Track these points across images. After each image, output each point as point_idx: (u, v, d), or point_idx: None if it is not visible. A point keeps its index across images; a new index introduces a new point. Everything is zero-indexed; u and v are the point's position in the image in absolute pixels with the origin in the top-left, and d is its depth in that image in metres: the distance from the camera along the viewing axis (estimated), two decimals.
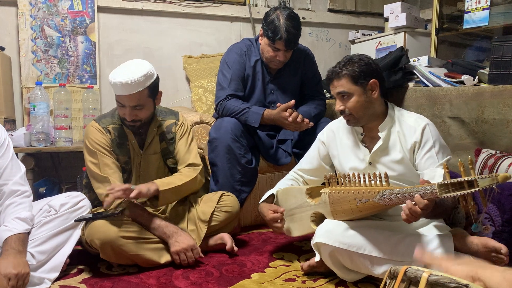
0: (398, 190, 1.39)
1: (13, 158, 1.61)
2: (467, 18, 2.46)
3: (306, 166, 1.92)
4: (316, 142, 1.91)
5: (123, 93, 1.73)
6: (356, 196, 1.52)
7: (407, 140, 1.63)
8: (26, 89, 2.75)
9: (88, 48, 2.89)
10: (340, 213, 1.60)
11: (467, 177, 1.21)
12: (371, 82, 1.63)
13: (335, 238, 1.55)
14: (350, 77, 1.63)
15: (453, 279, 0.75)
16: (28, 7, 2.73)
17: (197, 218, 1.92)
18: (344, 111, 1.67)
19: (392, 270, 0.87)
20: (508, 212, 1.65)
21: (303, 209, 1.75)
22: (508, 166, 1.75)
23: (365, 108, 1.65)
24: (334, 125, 1.87)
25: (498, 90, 1.93)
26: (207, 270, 1.75)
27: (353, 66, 1.63)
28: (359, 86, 1.63)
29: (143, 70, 1.75)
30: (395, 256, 1.49)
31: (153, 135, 1.92)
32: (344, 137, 1.79)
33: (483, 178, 1.17)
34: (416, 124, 1.63)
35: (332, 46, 3.66)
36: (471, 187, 1.20)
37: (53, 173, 2.81)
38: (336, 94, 1.68)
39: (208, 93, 2.99)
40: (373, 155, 1.68)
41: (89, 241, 1.73)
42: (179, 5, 3.10)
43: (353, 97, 1.64)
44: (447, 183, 1.26)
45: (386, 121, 1.68)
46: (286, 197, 1.84)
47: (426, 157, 1.59)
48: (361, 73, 1.62)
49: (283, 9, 2.24)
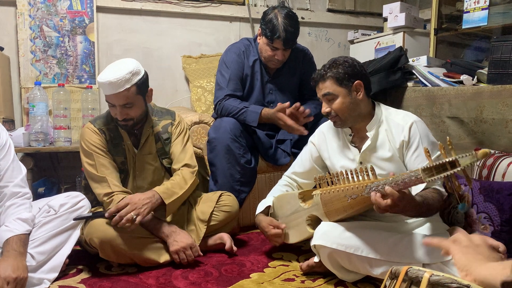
0: (385, 180, 1.40)
1: (14, 160, 1.61)
2: (466, 18, 2.47)
3: (299, 169, 1.93)
4: (308, 144, 1.92)
5: (110, 92, 1.72)
6: (346, 193, 1.53)
7: (395, 138, 1.64)
8: (25, 89, 2.75)
9: (87, 48, 2.88)
10: (333, 213, 1.60)
11: (448, 158, 1.23)
12: (355, 84, 1.64)
13: (333, 240, 1.55)
14: (334, 79, 1.64)
15: (454, 279, 0.75)
16: (27, 7, 2.73)
17: (196, 218, 1.92)
18: (330, 113, 1.68)
19: (393, 270, 0.87)
20: (507, 212, 1.66)
21: (299, 214, 1.75)
22: (507, 165, 1.75)
23: (351, 109, 1.66)
24: (324, 127, 1.87)
25: (497, 90, 1.93)
26: (206, 270, 1.75)
27: (337, 68, 1.65)
28: (343, 88, 1.64)
29: (129, 67, 1.73)
30: (393, 257, 1.49)
31: (147, 135, 1.91)
32: (333, 138, 1.80)
33: (464, 157, 1.21)
34: (403, 122, 1.64)
35: (331, 46, 3.66)
36: (453, 167, 1.22)
37: (52, 173, 2.81)
38: (321, 97, 1.69)
39: (207, 93, 2.99)
40: (362, 154, 1.69)
41: (88, 240, 1.72)
42: (178, 5, 3.10)
43: (338, 98, 1.65)
44: (430, 166, 1.28)
45: (373, 120, 1.68)
46: (281, 204, 1.85)
47: (415, 155, 1.60)
48: (345, 75, 1.64)
49: (282, 8, 2.24)
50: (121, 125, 1.84)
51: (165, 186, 1.83)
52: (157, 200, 1.76)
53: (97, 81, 1.73)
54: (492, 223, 1.69)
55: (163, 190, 1.80)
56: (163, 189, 1.81)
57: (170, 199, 1.79)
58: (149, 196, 1.76)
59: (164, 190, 1.80)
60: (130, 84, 1.73)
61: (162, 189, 1.81)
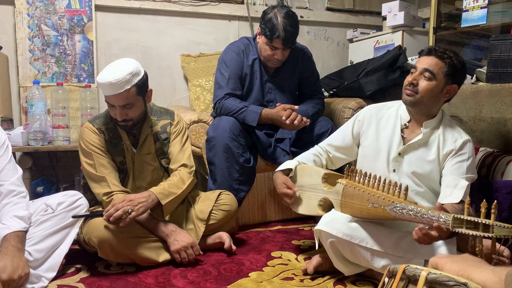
0: (413, 207, 1.36)
1: (11, 160, 1.62)
2: (465, 16, 2.47)
3: (336, 142, 1.88)
4: (352, 120, 1.87)
5: (110, 93, 1.71)
6: (370, 198, 1.49)
7: (445, 146, 1.63)
8: (24, 88, 2.75)
9: (86, 47, 2.88)
10: (348, 208, 1.58)
11: (486, 219, 1.15)
12: (453, 86, 1.63)
13: (338, 229, 1.56)
14: (447, 65, 1.60)
15: (451, 277, 0.75)
16: (25, 5, 2.73)
17: (195, 217, 1.92)
18: (415, 85, 1.63)
19: (391, 269, 0.87)
20: (505, 210, 1.66)
21: (315, 191, 1.74)
22: (506, 164, 1.76)
23: (432, 98, 1.62)
24: (376, 107, 1.83)
25: (495, 88, 1.93)
26: (205, 269, 1.75)
27: (456, 61, 1.61)
28: (444, 79, 1.61)
29: (129, 68, 1.72)
30: (396, 252, 1.50)
31: (146, 135, 1.90)
32: (384, 121, 1.77)
33: (501, 227, 1.12)
34: (459, 136, 1.64)
35: (330, 45, 3.66)
36: (486, 231, 1.15)
37: (50, 172, 2.81)
38: (421, 68, 1.63)
39: (206, 92, 2.99)
40: (407, 147, 1.67)
41: (87, 239, 1.72)
42: (177, 4, 3.10)
43: (432, 81, 1.61)
44: (463, 218, 1.21)
45: (433, 120, 1.67)
46: (303, 173, 1.82)
47: (457, 165, 1.59)
48: (456, 72, 1.61)
49: (281, 7, 2.24)
50: (121, 126, 1.84)
51: (162, 186, 1.82)
52: (153, 200, 1.75)
53: (97, 81, 1.72)
54: None
55: (160, 191, 1.79)
56: (160, 189, 1.80)
57: (167, 200, 1.78)
58: (145, 196, 1.75)
59: (160, 190, 1.79)
60: (130, 85, 1.72)
61: (158, 189, 1.80)
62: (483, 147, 1.96)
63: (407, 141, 1.69)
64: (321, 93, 2.52)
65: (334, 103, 2.60)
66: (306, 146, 1.99)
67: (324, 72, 3.22)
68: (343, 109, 2.48)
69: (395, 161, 1.69)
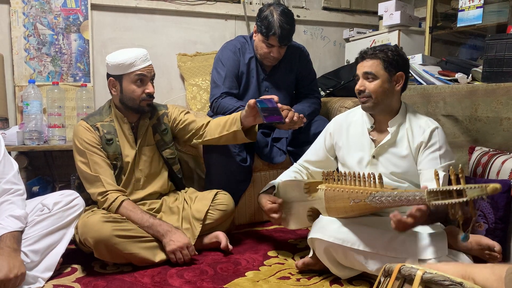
0: (389, 193, 1.39)
1: (5, 156, 1.60)
2: (461, 16, 2.48)
3: (311, 157, 1.92)
4: (323, 133, 1.91)
5: (146, 64, 1.89)
6: (350, 195, 1.52)
7: (414, 139, 1.65)
8: (19, 87, 2.73)
9: (82, 46, 2.87)
10: (334, 211, 1.61)
11: (457, 186, 1.20)
12: (398, 74, 1.66)
13: (330, 234, 1.56)
14: (382, 60, 1.64)
15: (447, 277, 0.75)
16: (20, 4, 2.71)
17: (191, 216, 1.92)
18: (363, 91, 1.67)
19: (386, 268, 0.87)
20: (501, 209, 1.66)
21: (301, 203, 1.75)
22: (501, 163, 1.76)
23: (385, 96, 1.66)
24: (342, 117, 1.88)
25: (491, 88, 1.94)
26: (201, 269, 1.74)
27: (388, 52, 1.65)
28: (387, 73, 1.65)
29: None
30: (389, 252, 1.50)
31: (145, 127, 1.95)
32: (352, 128, 1.80)
33: (473, 188, 1.15)
34: (426, 125, 1.65)
35: (326, 44, 3.66)
36: (460, 196, 1.19)
37: (46, 171, 2.79)
38: (362, 74, 1.68)
39: (203, 91, 2.98)
40: (379, 148, 1.69)
41: (82, 239, 1.71)
42: (173, 3, 3.09)
43: (377, 80, 1.65)
44: (436, 190, 1.25)
45: (397, 117, 1.70)
46: (286, 189, 1.84)
47: (430, 157, 1.61)
48: (393, 61, 1.64)
49: (277, 5, 2.24)
50: (143, 106, 1.89)
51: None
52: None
53: (125, 60, 1.85)
54: (486, 221, 1.70)
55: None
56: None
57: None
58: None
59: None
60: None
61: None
62: (478, 147, 1.96)
63: (378, 143, 1.71)
64: (317, 92, 2.52)
65: (330, 102, 2.61)
66: (303, 146, 2.00)
67: (321, 72, 3.22)
68: (339, 108, 2.48)
69: (371, 164, 1.71)
